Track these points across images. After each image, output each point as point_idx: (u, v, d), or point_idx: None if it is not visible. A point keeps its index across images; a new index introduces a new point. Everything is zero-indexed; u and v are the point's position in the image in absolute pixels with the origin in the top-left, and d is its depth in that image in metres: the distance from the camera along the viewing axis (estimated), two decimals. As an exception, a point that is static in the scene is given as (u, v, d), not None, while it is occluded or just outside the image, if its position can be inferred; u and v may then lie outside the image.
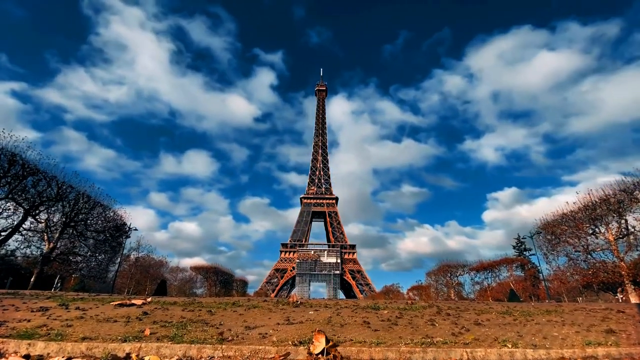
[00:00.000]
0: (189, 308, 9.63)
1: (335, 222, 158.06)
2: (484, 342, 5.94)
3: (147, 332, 6.14)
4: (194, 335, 5.99)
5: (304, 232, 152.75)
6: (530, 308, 11.80)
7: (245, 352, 5.21)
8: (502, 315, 9.38)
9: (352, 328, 7.08)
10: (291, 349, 5.31)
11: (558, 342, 6.04)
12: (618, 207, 27.03)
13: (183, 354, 5.17)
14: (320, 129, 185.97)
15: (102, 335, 5.94)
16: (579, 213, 29.99)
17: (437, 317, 8.66)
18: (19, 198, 24.96)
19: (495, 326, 7.58)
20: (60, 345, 5.31)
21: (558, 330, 7.17)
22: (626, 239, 26.87)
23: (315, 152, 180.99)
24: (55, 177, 26.99)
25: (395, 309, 10.43)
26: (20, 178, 24.29)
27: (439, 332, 6.77)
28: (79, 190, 29.33)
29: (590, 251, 29.10)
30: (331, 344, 5.32)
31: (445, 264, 51.49)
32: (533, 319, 8.55)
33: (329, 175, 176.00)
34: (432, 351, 5.34)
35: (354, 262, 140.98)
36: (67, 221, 28.67)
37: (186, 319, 7.73)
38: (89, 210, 30.69)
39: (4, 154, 23.03)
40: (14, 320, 7.07)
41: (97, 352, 5.21)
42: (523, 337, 6.43)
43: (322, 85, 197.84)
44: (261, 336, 6.11)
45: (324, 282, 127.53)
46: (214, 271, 55.20)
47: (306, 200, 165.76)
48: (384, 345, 5.62)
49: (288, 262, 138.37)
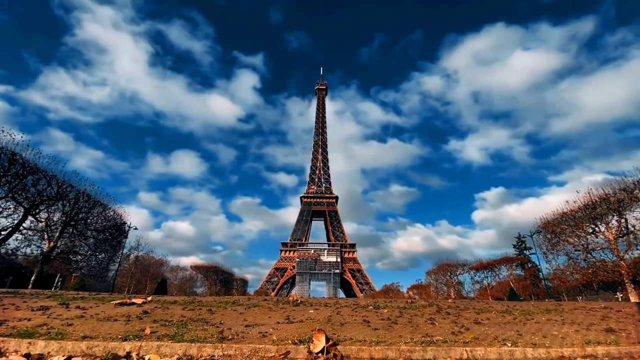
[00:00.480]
0: (189, 307, 9.64)
1: (335, 221, 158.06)
2: (484, 341, 5.95)
3: (148, 331, 6.15)
4: (195, 334, 5.99)
5: (304, 231, 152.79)
6: (530, 307, 11.82)
7: (246, 351, 5.22)
8: (502, 314, 9.39)
9: (352, 327, 7.09)
10: (291, 347, 5.31)
11: (558, 341, 6.05)
12: (618, 206, 27.03)
13: (183, 353, 5.18)
14: (320, 127, 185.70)
15: (103, 334, 5.95)
16: (579, 212, 29.98)
17: (437, 316, 8.67)
18: (19, 197, 24.96)
19: (495, 325, 7.59)
20: (61, 344, 5.32)
21: (558, 329, 7.17)
22: (626, 238, 26.87)
23: (315, 151, 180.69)
24: (56, 176, 26.99)
25: (395, 308, 10.44)
26: (21, 177, 24.29)
27: (439, 331, 6.78)
28: (79, 190, 29.33)
29: (590, 250, 29.11)
30: (331, 343, 5.33)
31: (445, 263, 51.52)
32: (533, 318, 8.56)
33: (329, 174, 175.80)
34: (432, 350, 5.35)
35: (354, 261, 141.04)
36: (67, 220, 28.68)
37: (186, 318, 7.74)
38: (89, 209, 30.70)
39: (4, 153, 23.02)
40: (15, 319, 7.08)
41: (97, 351, 5.22)
42: (523, 336, 6.44)
43: (322, 84, 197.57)
44: (261, 335, 6.12)
45: (324, 281, 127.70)
46: (214, 270, 55.29)
47: (306, 199, 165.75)
48: (384, 344, 5.62)
49: (288, 261, 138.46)
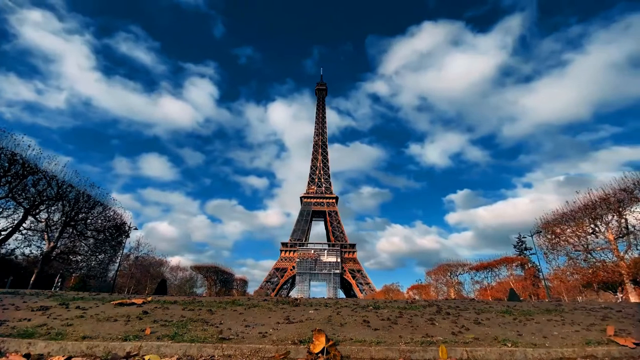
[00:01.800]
0: (189, 307, 9.63)
1: (335, 221, 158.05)
2: (484, 341, 5.94)
3: (148, 331, 6.15)
4: (194, 334, 5.99)
5: (304, 231, 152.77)
6: (530, 307, 11.80)
7: (246, 351, 5.21)
8: (502, 314, 9.38)
9: (352, 327, 7.08)
10: (291, 348, 5.31)
11: (558, 342, 6.05)
12: (618, 206, 27.04)
13: (183, 353, 5.18)
14: (320, 128, 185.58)
15: (103, 334, 5.94)
16: (578, 212, 29.99)
17: (437, 316, 8.66)
18: (19, 197, 24.95)
19: (495, 325, 7.58)
20: (61, 345, 5.31)
21: (558, 329, 7.17)
22: (626, 238, 26.88)
23: (315, 151, 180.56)
24: (56, 177, 26.98)
25: (395, 308, 10.43)
26: (21, 177, 24.28)
27: (439, 331, 6.78)
28: (79, 190, 29.33)
29: (590, 250, 29.12)
30: (331, 343, 5.33)
31: (446, 264, 51.60)
32: (533, 318, 8.55)
33: (329, 174, 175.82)
34: (432, 350, 5.35)
35: (354, 261, 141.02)
36: (67, 220, 28.68)
37: (186, 318, 7.73)
38: (89, 209, 30.70)
39: (4, 153, 23.01)
40: (14, 320, 7.07)
41: (97, 351, 5.22)
42: (523, 336, 6.44)
43: (322, 84, 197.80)
44: (261, 335, 6.11)
45: (324, 281, 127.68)
46: (214, 270, 55.34)
47: (306, 199, 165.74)
48: (384, 344, 5.62)
49: (288, 262, 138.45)
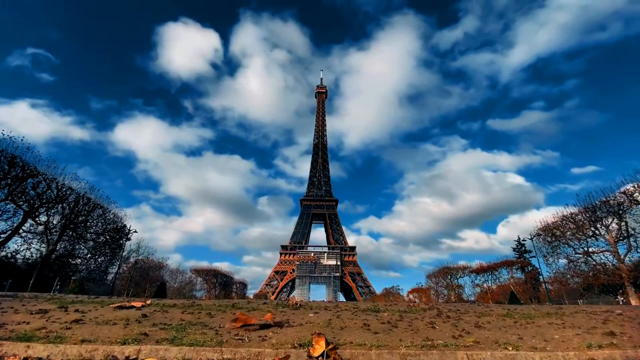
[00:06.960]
0: (189, 310, 9.59)
1: (335, 224, 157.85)
2: (485, 345, 5.92)
3: (147, 335, 6.12)
4: (194, 338, 5.96)
5: (303, 234, 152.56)
6: (531, 310, 11.77)
7: (245, 355, 5.19)
8: (503, 317, 9.35)
9: (352, 331, 7.06)
10: (291, 351, 5.29)
11: (559, 345, 6.02)
12: (618, 209, 27.03)
13: (182, 357, 5.15)
14: (320, 131, 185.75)
15: (102, 337, 5.92)
16: (579, 215, 29.99)
17: (437, 320, 8.63)
18: (18, 200, 24.94)
19: (495, 329, 7.55)
20: (60, 348, 5.29)
21: (559, 332, 7.14)
22: (626, 241, 26.85)
23: (315, 153, 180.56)
24: (55, 179, 26.99)
25: (396, 311, 10.40)
26: (20, 180, 24.29)
27: (440, 335, 6.75)
28: (79, 192, 29.32)
29: (591, 253, 29.07)
30: (331, 347, 5.31)
31: (446, 267, 51.50)
32: (534, 322, 8.52)
33: (329, 177, 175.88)
34: (432, 354, 5.33)
35: (354, 264, 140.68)
36: (66, 223, 28.64)
37: (186, 322, 7.70)
38: (89, 212, 30.68)
39: (4, 156, 23.03)
40: (13, 323, 7.04)
41: (96, 355, 5.19)
42: (524, 339, 6.41)
43: (322, 87, 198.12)
44: (261, 339, 6.08)
45: (323, 285, 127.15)
46: (214, 274, 55.15)
47: (306, 202, 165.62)
48: (384, 348, 5.60)
49: (288, 265, 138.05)
